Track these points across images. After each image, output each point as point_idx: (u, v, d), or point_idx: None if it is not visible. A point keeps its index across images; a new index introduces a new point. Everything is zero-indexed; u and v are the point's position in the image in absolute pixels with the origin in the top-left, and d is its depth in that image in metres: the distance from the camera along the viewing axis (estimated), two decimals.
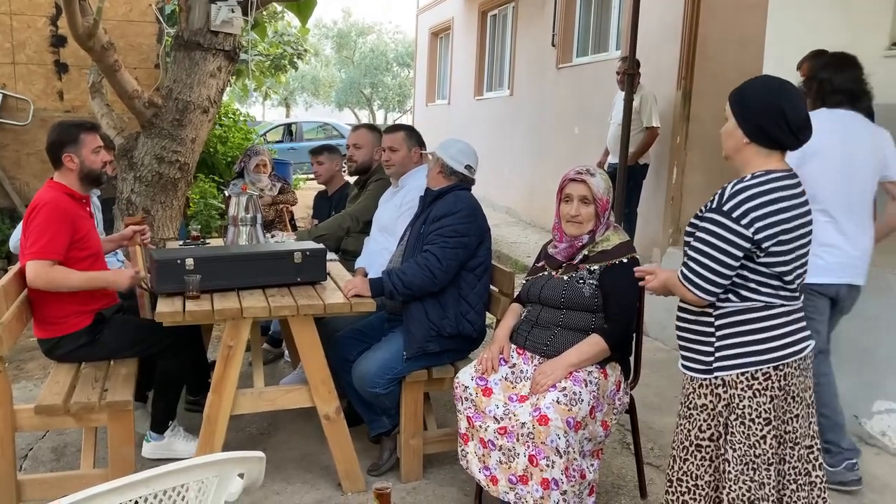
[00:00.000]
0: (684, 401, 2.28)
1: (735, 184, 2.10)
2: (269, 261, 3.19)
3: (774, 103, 2.09)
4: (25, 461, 3.39)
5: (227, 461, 1.60)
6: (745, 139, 2.13)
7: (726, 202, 2.08)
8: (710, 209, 2.12)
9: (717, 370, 2.18)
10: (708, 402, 2.21)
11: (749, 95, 2.14)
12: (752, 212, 2.05)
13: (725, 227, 2.07)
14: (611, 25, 8.66)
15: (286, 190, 5.90)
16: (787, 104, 2.08)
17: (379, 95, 37.37)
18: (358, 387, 3.18)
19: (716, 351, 2.18)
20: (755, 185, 2.08)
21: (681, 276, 2.16)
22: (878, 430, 3.69)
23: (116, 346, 3.24)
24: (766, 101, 2.10)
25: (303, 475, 3.32)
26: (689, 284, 2.14)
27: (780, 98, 2.09)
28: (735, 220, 2.06)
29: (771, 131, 2.09)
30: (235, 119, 9.72)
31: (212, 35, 5.18)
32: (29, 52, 6.67)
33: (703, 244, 2.11)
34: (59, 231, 3.03)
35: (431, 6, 15.37)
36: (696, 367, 2.24)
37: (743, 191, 2.07)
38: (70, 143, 3.17)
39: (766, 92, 2.12)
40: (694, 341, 2.25)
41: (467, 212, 3.19)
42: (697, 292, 2.13)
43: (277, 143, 17.90)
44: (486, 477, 2.69)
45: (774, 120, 2.08)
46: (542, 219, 9.50)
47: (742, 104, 2.14)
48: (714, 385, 2.20)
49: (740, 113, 2.14)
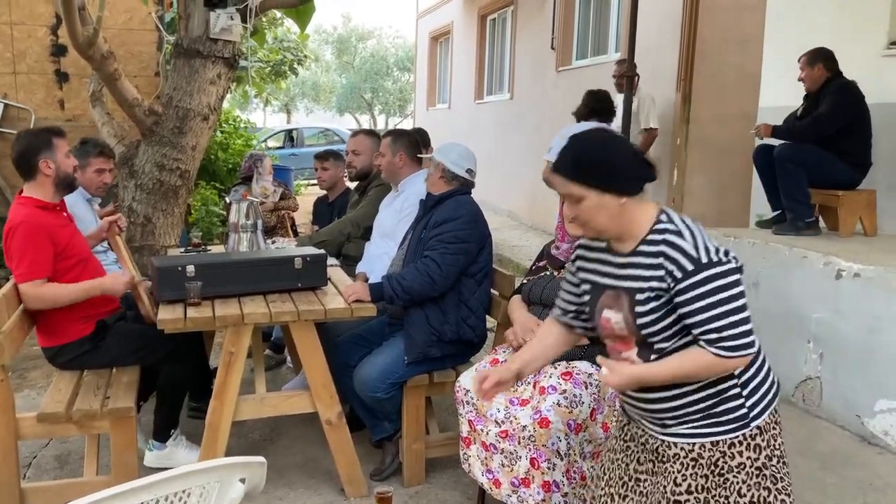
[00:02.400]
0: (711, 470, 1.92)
1: (681, 237, 1.83)
2: (270, 267, 3.20)
3: (622, 146, 1.93)
4: (29, 469, 3.40)
5: (229, 466, 1.61)
6: (622, 199, 1.86)
7: (700, 255, 1.80)
8: (690, 272, 1.80)
9: (753, 419, 1.93)
10: (746, 460, 1.92)
11: (597, 156, 1.87)
12: (717, 246, 1.84)
13: (723, 273, 1.80)
14: (610, 28, 8.67)
15: (287, 196, 5.92)
16: (627, 142, 1.97)
17: (380, 100, 37.41)
18: (359, 391, 3.19)
19: (746, 400, 1.92)
20: (690, 226, 1.87)
21: (723, 352, 1.80)
22: (881, 430, 3.68)
23: (118, 354, 3.24)
24: (614, 150, 1.89)
25: (305, 480, 3.33)
26: (739, 352, 1.80)
27: (622, 141, 1.98)
28: (721, 263, 1.81)
29: (638, 174, 1.88)
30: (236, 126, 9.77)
31: (211, 42, 5.20)
32: (30, 61, 6.70)
33: (721, 305, 1.79)
34: (39, 249, 3.00)
35: (431, 10, 15.40)
36: (726, 428, 1.92)
37: (694, 236, 1.84)
38: (44, 148, 3.10)
39: (610, 143, 1.92)
40: (712, 407, 1.92)
41: (468, 218, 3.20)
42: (748, 352, 1.82)
43: (279, 149, 17.94)
44: (488, 480, 2.69)
45: (632, 161, 1.88)
46: (544, 222, 9.50)
47: (596, 169, 1.86)
48: (750, 438, 1.93)
49: (599, 178, 1.85)
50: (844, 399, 3.89)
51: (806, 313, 4.11)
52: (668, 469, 1.98)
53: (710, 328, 1.80)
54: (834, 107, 4.55)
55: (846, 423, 3.87)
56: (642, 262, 1.88)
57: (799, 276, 4.22)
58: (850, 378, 3.86)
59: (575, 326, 2.17)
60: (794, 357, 4.19)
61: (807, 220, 4.67)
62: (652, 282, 1.85)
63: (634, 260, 1.90)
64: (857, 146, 4.61)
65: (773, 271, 4.40)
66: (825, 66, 4.70)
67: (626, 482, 2.09)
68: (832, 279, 3.97)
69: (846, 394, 3.89)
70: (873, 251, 4.21)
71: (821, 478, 3.36)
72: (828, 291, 3.99)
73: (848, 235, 4.68)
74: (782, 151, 4.65)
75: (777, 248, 4.42)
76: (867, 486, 3.30)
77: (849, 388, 3.87)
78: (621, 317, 1.91)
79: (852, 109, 4.57)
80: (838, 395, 3.92)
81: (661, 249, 1.85)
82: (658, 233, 1.87)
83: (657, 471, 2.02)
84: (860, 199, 4.73)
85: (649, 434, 2.03)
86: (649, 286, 1.86)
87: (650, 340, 1.90)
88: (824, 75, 4.70)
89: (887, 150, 4.84)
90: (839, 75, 4.69)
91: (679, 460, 1.96)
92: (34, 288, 2.99)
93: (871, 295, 3.77)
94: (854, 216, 4.73)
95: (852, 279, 3.87)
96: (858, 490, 3.27)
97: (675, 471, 1.96)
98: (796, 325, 4.19)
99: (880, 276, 3.74)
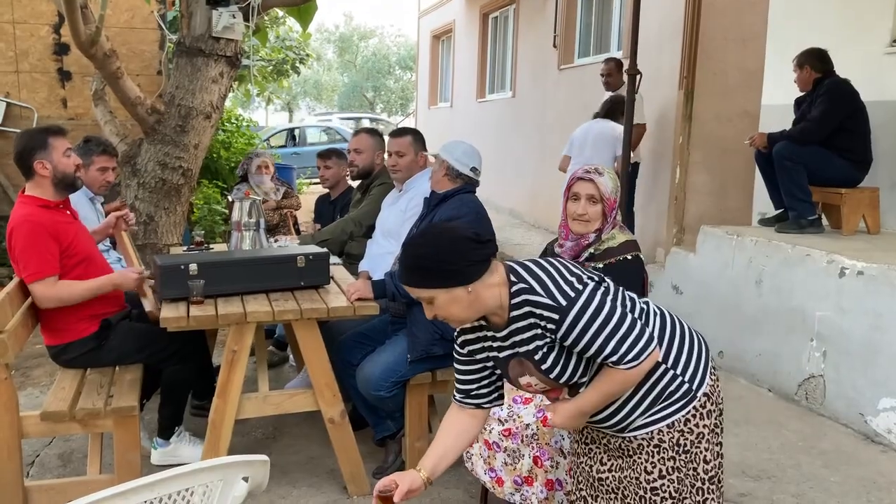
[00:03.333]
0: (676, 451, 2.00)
1: (534, 291, 1.86)
2: (273, 265, 3.20)
3: (452, 241, 1.88)
4: (32, 468, 3.40)
5: (232, 465, 1.61)
6: (469, 288, 1.85)
7: (559, 295, 1.85)
8: (558, 308, 1.84)
9: (697, 389, 2.02)
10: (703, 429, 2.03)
11: (429, 261, 1.86)
12: (576, 271, 1.93)
13: (588, 301, 1.86)
14: (612, 26, 8.66)
15: (290, 194, 5.92)
16: (463, 231, 1.92)
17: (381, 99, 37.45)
18: (362, 390, 3.19)
19: (683, 375, 2.01)
20: (537, 273, 1.90)
21: (626, 366, 1.85)
22: (885, 428, 3.68)
23: (122, 352, 3.24)
24: (449, 246, 1.87)
25: (308, 479, 3.33)
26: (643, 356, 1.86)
27: (455, 234, 1.91)
28: (582, 291, 1.87)
29: (476, 258, 1.87)
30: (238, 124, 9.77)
31: (213, 41, 5.20)
32: (32, 60, 6.70)
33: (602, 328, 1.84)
34: (44, 247, 2.99)
35: (433, 9, 15.39)
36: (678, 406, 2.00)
37: (546, 282, 1.88)
38: (40, 148, 3.06)
39: (441, 241, 1.89)
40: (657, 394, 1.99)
41: (472, 217, 3.18)
42: (653, 350, 1.88)
43: (281, 147, 17.94)
44: (491, 479, 2.69)
45: (467, 250, 1.87)
46: (546, 220, 9.50)
47: (435, 273, 1.85)
48: (701, 406, 2.03)
49: (440, 280, 1.85)
50: (847, 397, 3.89)
51: (809, 311, 4.11)
52: (635, 461, 2.04)
53: (607, 354, 1.85)
54: (825, 109, 4.56)
55: (849, 421, 3.87)
56: (520, 328, 1.92)
57: (802, 274, 4.21)
58: (853, 376, 3.86)
59: (482, 403, 2.12)
60: (797, 355, 4.19)
61: (809, 218, 4.67)
62: (536, 341, 1.91)
63: (512, 329, 1.93)
64: (855, 143, 4.61)
65: (776, 269, 4.40)
66: (813, 66, 4.70)
67: (593, 483, 2.15)
68: (835, 277, 3.96)
69: (849, 392, 3.88)
70: (876, 249, 4.20)
71: (824, 476, 3.36)
72: (831, 289, 3.99)
73: (851, 233, 4.68)
74: (781, 150, 4.64)
75: (780, 247, 4.42)
76: (870, 485, 3.30)
77: (852, 386, 3.86)
78: (535, 378, 1.98)
79: (844, 108, 4.57)
80: (841, 393, 3.92)
81: (527, 311, 1.88)
82: (517, 295, 1.89)
83: (624, 465, 2.07)
84: (863, 196, 4.73)
85: (610, 435, 2.08)
86: (536, 345, 1.92)
87: (571, 383, 1.97)
88: (813, 76, 4.71)
89: (891, 147, 4.84)
90: (830, 74, 4.68)
91: (644, 450, 2.03)
92: (48, 287, 2.98)
93: (875, 293, 3.76)
94: (857, 214, 4.73)
95: (855, 277, 3.87)
96: (862, 488, 3.27)
97: (644, 460, 2.03)
98: (799, 323, 4.18)
99: (883, 273, 3.73)
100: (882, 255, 4.01)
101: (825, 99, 4.57)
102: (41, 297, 2.99)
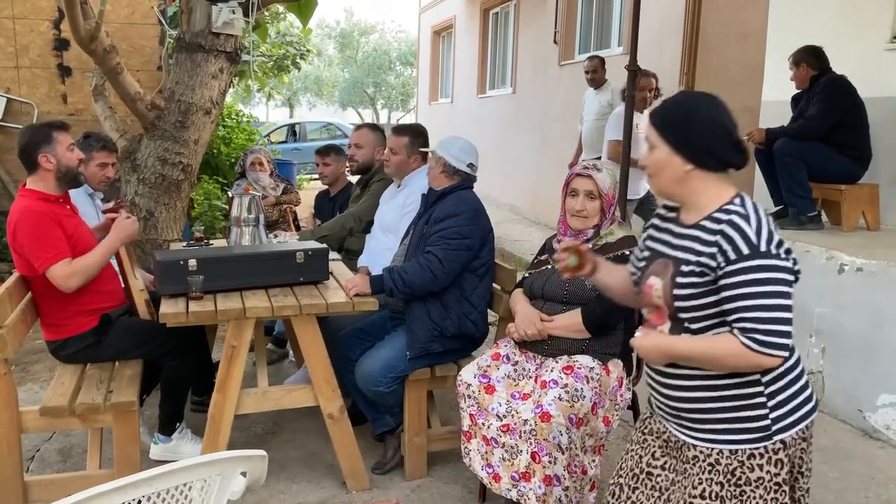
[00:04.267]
0: (727, 479, 1.85)
1: (746, 221, 1.78)
2: (272, 261, 3.20)
3: (715, 119, 1.84)
4: (32, 462, 3.41)
5: (230, 460, 1.61)
6: (689, 166, 1.84)
7: (758, 241, 1.75)
8: (745, 255, 1.75)
9: (777, 433, 1.84)
10: (765, 474, 1.84)
11: (681, 116, 1.85)
12: (781, 241, 1.79)
13: (777, 267, 1.75)
14: (613, 22, 8.65)
15: (289, 190, 5.92)
16: (726, 118, 1.85)
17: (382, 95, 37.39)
18: (361, 385, 3.19)
19: (771, 412, 1.85)
20: (760, 216, 1.80)
21: (754, 344, 1.73)
22: (883, 424, 3.68)
23: (122, 348, 3.25)
24: (703, 118, 1.83)
25: (307, 474, 3.34)
26: (771, 349, 1.74)
27: (718, 113, 1.85)
28: (779, 257, 1.76)
29: (719, 152, 1.83)
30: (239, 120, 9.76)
31: (213, 37, 5.20)
32: (32, 55, 6.69)
33: (765, 297, 1.74)
34: (51, 233, 3.00)
35: (433, 5, 15.36)
36: (747, 437, 1.85)
37: (761, 223, 1.78)
38: (44, 142, 3.09)
39: (700, 109, 1.85)
40: (734, 409, 1.86)
41: (470, 214, 3.18)
42: (781, 352, 1.75)
43: (281, 143, 17.94)
44: (488, 474, 2.70)
45: (719, 137, 1.82)
46: (546, 216, 9.49)
47: (675, 127, 1.84)
48: (773, 451, 1.85)
49: (675, 137, 1.84)
50: (846, 393, 3.89)
51: (808, 307, 4.11)
52: (688, 470, 1.94)
53: (747, 316, 1.74)
54: (824, 105, 4.56)
55: (848, 417, 3.88)
56: (700, 237, 1.84)
57: (801, 270, 4.20)
58: (852, 372, 3.86)
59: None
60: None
61: (809, 215, 4.67)
62: (702, 257, 1.81)
63: (693, 233, 1.86)
64: (854, 139, 4.60)
65: None
66: (810, 64, 4.70)
67: (638, 475, 2.06)
68: (835, 273, 3.96)
69: (848, 388, 3.89)
70: (876, 246, 4.20)
71: (822, 472, 3.36)
72: (830, 286, 3.99)
73: (851, 230, 4.67)
74: (782, 146, 4.64)
75: None
76: (868, 480, 3.30)
77: (851, 382, 3.87)
78: (661, 288, 1.87)
79: (843, 104, 4.56)
80: (840, 389, 3.92)
81: (721, 228, 1.79)
82: (725, 212, 1.82)
83: (678, 469, 1.98)
84: (863, 193, 4.73)
85: (671, 431, 2.00)
86: (697, 261, 1.82)
87: (681, 316, 1.86)
88: (810, 73, 4.71)
89: (890, 144, 4.83)
90: (827, 71, 4.68)
91: (698, 463, 1.91)
92: (65, 267, 2.99)
93: (874, 289, 3.76)
94: (857, 210, 4.73)
95: (855, 273, 3.87)
96: (860, 484, 3.27)
97: (694, 474, 1.91)
98: (798, 320, 4.13)
99: (883, 270, 3.73)
100: (882, 251, 4.01)
101: (823, 96, 4.57)
102: (62, 277, 2.99)
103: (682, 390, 1.92)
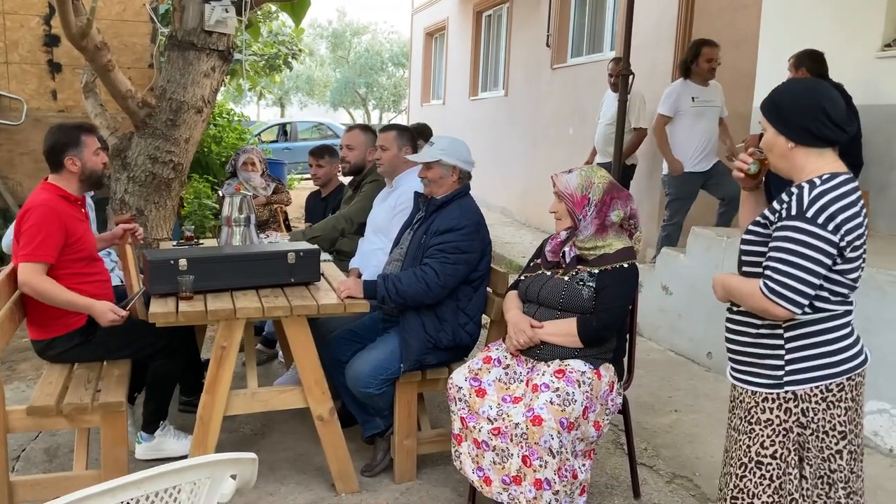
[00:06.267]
0: (744, 415, 2.16)
1: (810, 189, 2.01)
2: (263, 261, 3.19)
3: (810, 101, 2.03)
4: (18, 462, 3.38)
5: (219, 462, 1.60)
6: (790, 144, 2.06)
7: (808, 208, 1.98)
8: (791, 216, 2.00)
9: (788, 384, 2.08)
10: (774, 417, 2.10)
11: (781, 100, 2.08)
12: (836, 216, 1.97)
13: (813, 234, 1.96)
14: (605, 26, 8.67)
15: (280, 190, 5.90)
16: (823, 99, 2.02)
17: (374, 95, 37.35)
18: (351, 387, 3.18)
19: (786, 364, 2.09)
20: (832, 189, 1.99)
21: (765, 289, 2.00)
22: (871, 431, 3.70)
23: (110, 348, 3.22)
24: (800, 100, 2.04)
25: (296, 476, 3.32)
26: (779, 298, 1.99)
27: (814, 94, 2.04)
28: (822, 227, 1.96)
29: (814, 129, 2.02)
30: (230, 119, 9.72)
31: (206, 35, 5.17)
32: (22, 51, 6.65)
33: (789, 254, 1.98)
34: (52, 233, 3.01)
35: (426, 6, 15.37)
36: (762, 381, 2.13)
37: (822, 195, 1.98)
38: (72, 145, 3.14)
39: (798, 92, 2.07)
40: (758, 355, 2.14)
41: (472, 228, 3.16)
42: (788, 306, 1.98)
43: (272, 143, 17.88)
44: (479, 478, 2.69)
45: (814, 116, 2.01)
46: (537, 218, 9.51)
47: (776, 110, 2.08)
48: (783, 399, 2.09)
49: (777, 119, 2.08)
50: None
51: None
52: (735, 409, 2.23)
53: (770, 265, 2.01)
54: None
55: None
56: (782, 197, 2.08)
57: None
58: None
59: None
60: None
61: None
62: (768, 211, 2.10)
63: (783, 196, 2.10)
64: (849, 147, 4.61)
65: None
66: (809, 69, 4.71)
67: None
68: None
69: None
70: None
71: None
72: None
73: None
74: None
75: None
76: None
77: None
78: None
79: None
80: None
81: (792, 190, 2.05)
82: (809, 183, 2.04)
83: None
84: None
85: (732, 383, 2.25)
86: (764, 213, 2.11)
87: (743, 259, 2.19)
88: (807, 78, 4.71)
89: (880, 151, 4.86)
90: (824, 78, 4.69)
91: (735, 399, 2.23)
92: (34, 272, 2.96)
93: (863, 296, 3.75)
94: None
95: None
96: None
97: (735, 409, 2.23)
98: None
99: (872, 277, 3.75)
100: (871, 258, 3.98)
101: None
102: (23, 279, 2.97)
103: (734, 333, 2.21)
